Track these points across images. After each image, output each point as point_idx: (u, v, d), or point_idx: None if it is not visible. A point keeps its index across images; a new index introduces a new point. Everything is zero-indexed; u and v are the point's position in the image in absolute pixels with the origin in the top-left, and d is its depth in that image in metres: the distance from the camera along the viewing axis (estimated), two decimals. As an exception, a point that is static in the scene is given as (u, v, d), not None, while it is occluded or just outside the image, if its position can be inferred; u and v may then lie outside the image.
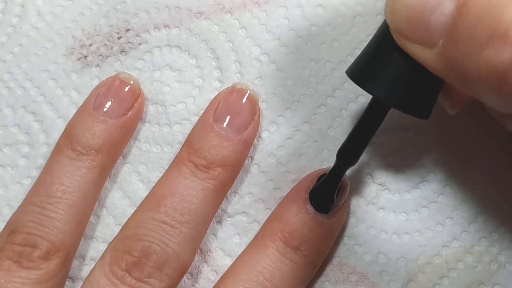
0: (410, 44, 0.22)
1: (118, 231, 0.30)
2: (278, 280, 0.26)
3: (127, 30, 0.33)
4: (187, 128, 0.31)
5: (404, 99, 0.23)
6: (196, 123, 0.30)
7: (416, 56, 0.22)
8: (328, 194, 0.27)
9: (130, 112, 0.30)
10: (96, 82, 0.32)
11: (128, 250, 0.26)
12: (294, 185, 0.29)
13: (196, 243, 0.28)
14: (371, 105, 0.25)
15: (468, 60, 0.20)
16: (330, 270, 0.29)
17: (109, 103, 0.29)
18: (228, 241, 0.30)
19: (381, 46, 0.23)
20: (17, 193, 0.31)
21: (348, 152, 0.26)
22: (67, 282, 0.29)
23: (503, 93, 0.19)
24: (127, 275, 0.26)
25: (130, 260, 0.26)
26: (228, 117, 0.29)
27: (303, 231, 0.27)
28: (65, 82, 0.32)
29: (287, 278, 0.27)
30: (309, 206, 0.27)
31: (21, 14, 0.33)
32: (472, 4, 0.20)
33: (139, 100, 0.31)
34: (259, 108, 0.30)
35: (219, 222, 0.30)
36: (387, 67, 0.23)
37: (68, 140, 0.29)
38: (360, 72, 0.24)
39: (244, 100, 0.29)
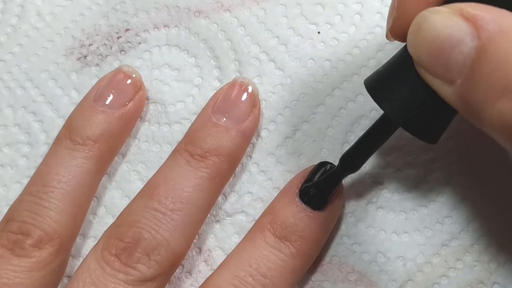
0: (430, 77, 0.21)
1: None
2: (265, 268, 0.26)
3: (127, 29, 0.33)
4: (187, 127, 0.31)
5: (414, 123, 0.23)
6: (197, 116, 0.30)
7: (436, 90, 0.22)
8: (321, 195, 0.27)
9: (130, 103, 0.30)
10: (95, 82, 0.32)
11: (119, 236, 0.27)
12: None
13: (189, 232, 0.28)
14: (382, 120, 0.26)
15: (483, 106, 0.19)
16: (329, 269, 0.29)
17: (110, 95, 0.30)
18: (227, 240, 0.30)
19: (401, 66, 0.23)
20: (17, 193, 0.31)
21: (352, 159, 0.27)
22: (65, 280, 0.29)
23: None
24: (116, 259, 0.26)
25: (120, 245, 0.26)
26: (227, 108, 0.29)
27: (292, 222, 0.27)
28: (65, 82, 0.32)
29: (276, 267, 0.27)
30: (298, 199, 0.27)
31: (21, 14, 0.33)
32: (491, 50, 0.19)
33: (140, 92, 0.31)
34: (259, 102, 0.30)
35: (218, 221, 0.30)
36: (403, 89, 0.23)
37: (67, 131, 0.29)
38: (377, 87, 0.24)
39: (244, 93, 0.29)
